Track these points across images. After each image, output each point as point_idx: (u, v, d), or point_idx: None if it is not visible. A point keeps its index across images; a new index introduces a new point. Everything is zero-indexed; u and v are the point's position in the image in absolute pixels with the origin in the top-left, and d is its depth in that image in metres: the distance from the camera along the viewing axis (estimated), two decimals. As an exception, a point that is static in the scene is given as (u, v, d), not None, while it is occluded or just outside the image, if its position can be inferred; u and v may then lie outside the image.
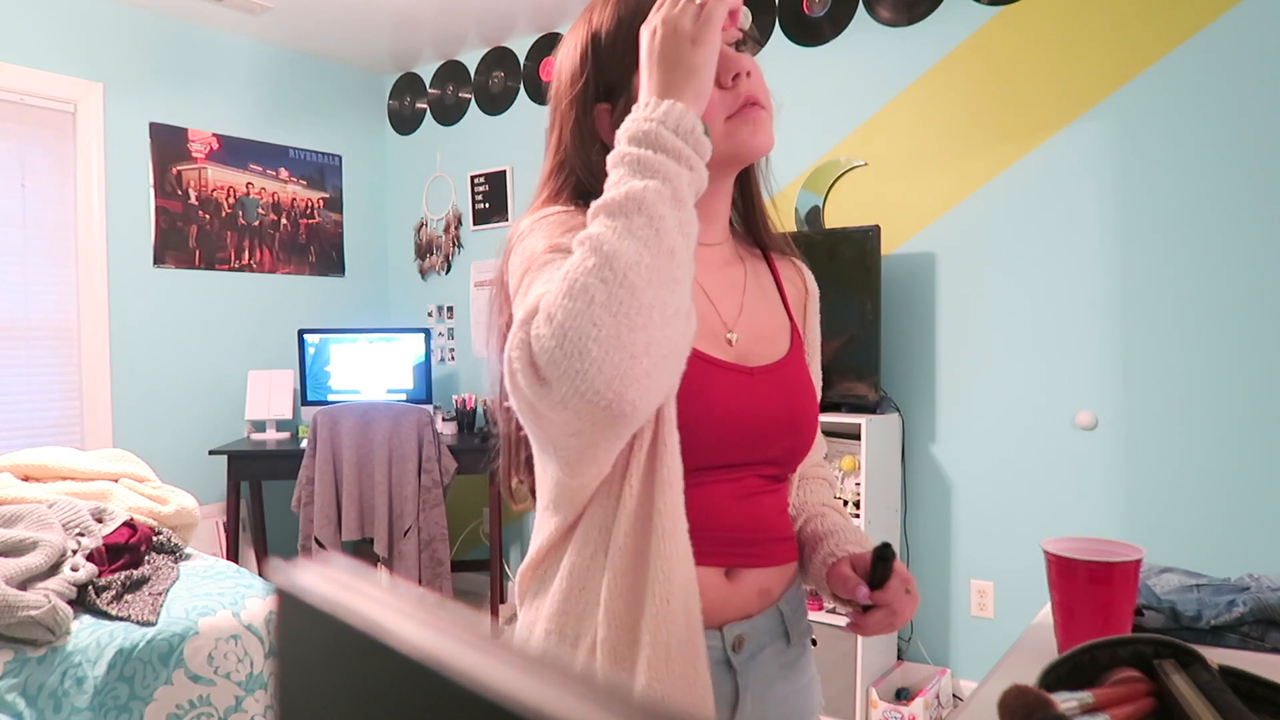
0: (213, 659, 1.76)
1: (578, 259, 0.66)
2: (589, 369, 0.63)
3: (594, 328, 0.63)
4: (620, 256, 0.65)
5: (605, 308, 0.64)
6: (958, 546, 2.90)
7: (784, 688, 0.90)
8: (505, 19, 3.73)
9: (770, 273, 0.98)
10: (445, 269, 4.23)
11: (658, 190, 0.68)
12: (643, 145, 0.70)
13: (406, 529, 3.30)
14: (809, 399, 0.93)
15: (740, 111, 0.83)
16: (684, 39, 0.73)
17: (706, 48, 0.73)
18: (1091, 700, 0.73)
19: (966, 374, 2.87)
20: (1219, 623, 0.99)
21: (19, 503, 1.96)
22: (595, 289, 0.64)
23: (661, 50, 0.74)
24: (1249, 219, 2.41)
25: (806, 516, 0.99)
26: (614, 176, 0.71)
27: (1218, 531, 2.46)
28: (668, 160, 0.69)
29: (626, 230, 0.66)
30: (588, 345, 0.63)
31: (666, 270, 0.67)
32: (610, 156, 0.72)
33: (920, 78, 2.92)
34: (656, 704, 0.20)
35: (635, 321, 0.64)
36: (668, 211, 0.68)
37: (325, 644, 0.28)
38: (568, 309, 0.64)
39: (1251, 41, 2.39)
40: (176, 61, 3.62)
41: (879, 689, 2.65)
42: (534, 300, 0.68)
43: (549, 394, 0.65)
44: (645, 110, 0.72)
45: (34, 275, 3.25)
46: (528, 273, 0.76)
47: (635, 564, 0.77)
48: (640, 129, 0.71)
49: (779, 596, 0.90)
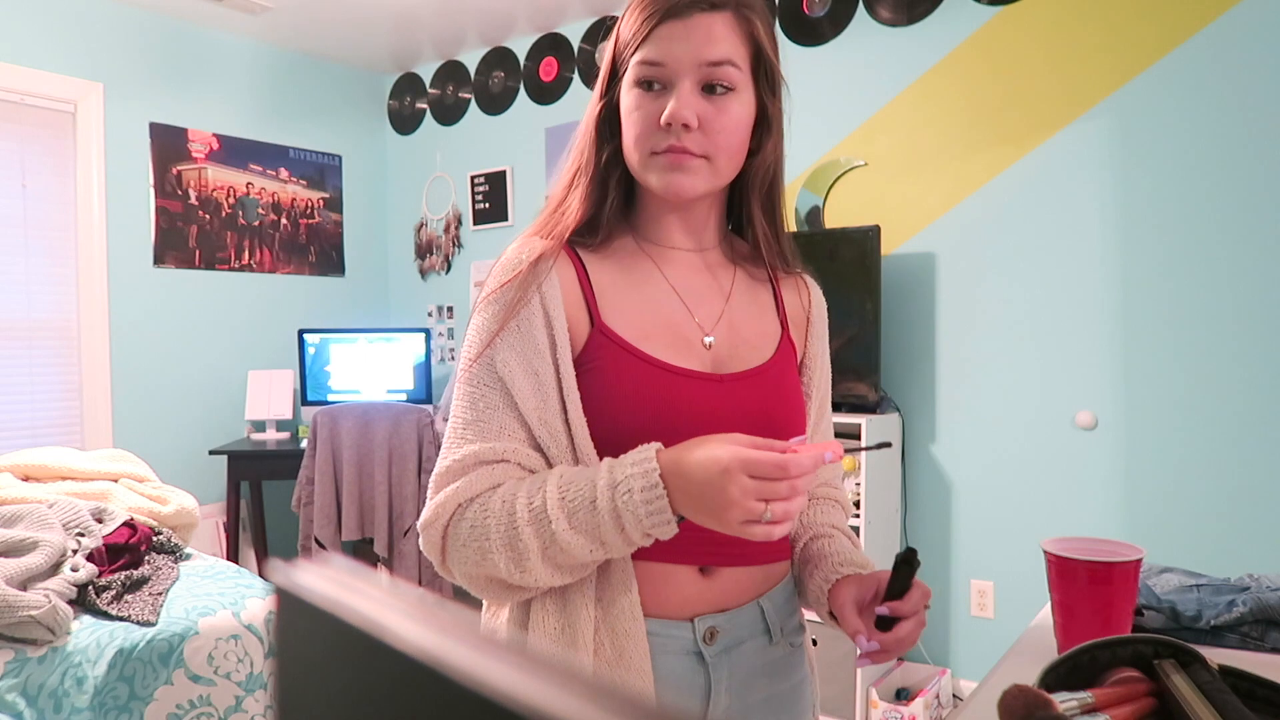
0: (213, 659, 1.76)
1: (501, 532, 0.77)
2: (473, 585, 0.83)
3: (481, 578, 0.82)
4: (530, 572, 0.78)
5: (493, 580, 0.81)
6: (958, 546, 2.90)
7: (768, 686, 0.90)
8: (505, 19, 3.73)
9: (770, 284, 0.98)
10: (445, 269, 4.23)
11: (597, 558, 0.78)
12: (615, 521, 0.74)
13: (406, 529, 3.30)
14: (791, 405, 0.92)
15: (665, 154, 0.84)
16: (718, 522, 0.71)
17: (727, 529, 0.71)
18: (1091, 700, 0.73)
19: (966, 374, 2.87)
20: (1219, 623, 0.99)
21: (19, 503, 1.96)
22: (500, 567, 0.78)
23: (702, 503, 0.71)
24: (1249, 219, 2.41)
25: (812, 535, 0.97)
26: (581, 503, 0.75)
27: (1218, 531, 2.45)
28: (622, 544, 0.76)
29: (550, 562, 0.77)
30: (474, 576, 0.82)
31: (565, 581, 0.81)
32: (594, 485, 0.75)
33: (920, 78, 2.92)
34: (656, 704, 0.20)
35: (516, 590, 0.82)
36: (592, 565, 0.80)
37: (325, 644, 0.28)
38: (474, 553, 0.79)
39: (1251, 41, 2.39)
40: (176, 61, 3.62)
41: (879, 689, 2.65)
42: (459, 492, 0.80)
43: (443, 570, 0.84)
44: (645, 500, 0.73)
45: (34, 275, 3.25)
46: (459, 374, 0.86)
47: (569, 603, 0.83)
48: (624, 513, 0.73)
49: (760, 593, 0.90)
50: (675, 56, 0.83)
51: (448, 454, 0.83)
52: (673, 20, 0.82)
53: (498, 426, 0.82)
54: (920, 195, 2.93)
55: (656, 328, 0.87)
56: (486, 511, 0.78)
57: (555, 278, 0.85)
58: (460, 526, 0.79)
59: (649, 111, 0.84)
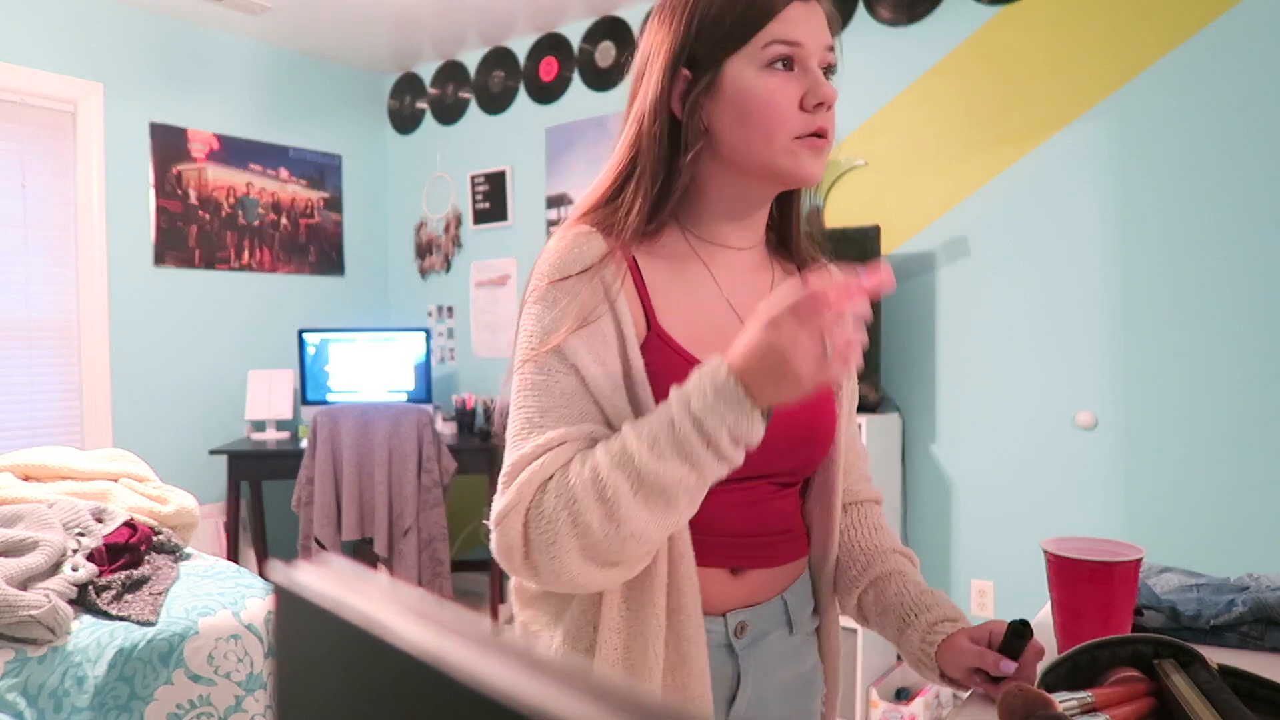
0: (213, 659, 1.76)
1: (589, 490, 0.72)
2: (562, 575, 0.75)
3: (576, 556, 0.73)
4: (629, 521, 0.72)
5: (593, 550, 0.73)
6: (958, 546, 2.90)
7: (785, 673, 0.92)
8: (505, 19, 3.73)
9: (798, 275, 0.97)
10: (445, 269, 4.23)
11: (689, 483, 0.72)
12: (699, 432, 0.70)
13: (406, 529, 3.30)
14: (826, 412, 0.92)
15: (809, 138, 0.82)
16: (795, 380, 0.68)
17: (807, 392, 0.69)
18: (1091, 700, 0.73)
19: (966, 374, 2.87)
20: (1219, 622, 0.99)
21: (19, 502, 1.96)
22: (594, 533, 0.72)
23: (772, 370, 0.68)
24: (1249, 219, 2.41)
25: (879, 572, 0.96)
26: (662, 430, 0.71)
27: (1218, 531, 2.45)
28: (711, 459, 0.71)
29: (644, 500, 0.72)
30: (566, 562, 0.74)
31: (669, 526, 0.75)
32: (669, 407, 0.72)
33: (920, 78, 2.92)
34: (656, 703, 0.20)
35: (611, 563, 0.74)
36: (688, 499, 0.73)
37: (325, 643, 0.28)
38: (566, 528, 0.73)
39: (1251, 41, 2.39)
40: (176, 61, 3.62)
41: (879, 689, 2.65)
42: (535, 474, 0.75)
43: (525, 567, 0.76)
44: (725, 397, 0.69)
45: (34, 275, 3.25)
46: (518, 370, 0.81)
47: (639, 618, 0.81)
48: (707, 419, 0.69)
49: (784, 588, 0.92)
50: (811, 37, 0.82)
51: (521, 443, 0.77)
52: (799, 2, 0.82)
53: (577, 411, 0.78)
54: (920, 195, 2.93)
55: (709, 333, 0.86)
56: (568, 476, 0.74)
57: (619, 279, 0.82)
58: (544, 502, 0.74)
59: (791, 94, 0.81)
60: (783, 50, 0.81)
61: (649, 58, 0.86)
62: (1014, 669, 0.80)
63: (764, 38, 0.80)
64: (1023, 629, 0.80)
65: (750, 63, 0.81)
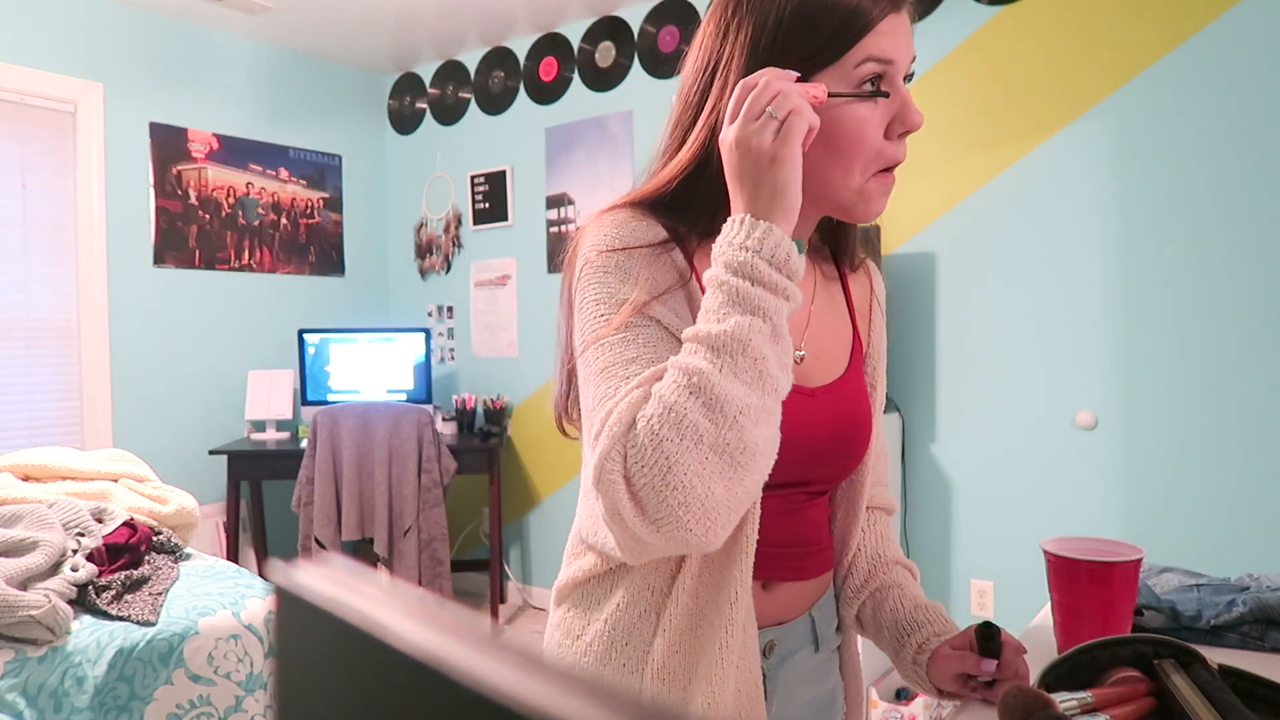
0: (213, 659, 1.76)
1: (679, 391, 0.65)
2: (691, 504, 0.65)
3: (701, 465, 0.64)
4: (731, 400, 0.65)
5: (714, 448, 0.65)
6: (958, 546, 2.90)
7: (808, 692, 0.91)
8: (505, 19, 3.73)
9: (838, 277, 0.95)
10: (445, 269, 4.23)
11: (760, 329, 0.67)
12: (740, 276, 0.68)
13: (406, 529, 3.30)
14: (864, 418, 0.89)
15: (883, 174, 0.78)
16: (764, 159, 0.68)
17: (788, 166, 0.68)
18: (1091, 700, 0.73)
19: (966, 374, 2.87)
20: (1219, 622, 0.99)
21: (19, 503, 1.96)
22: (704, 428, 0.64)
23: (741, 170, 0.69)
24: (1249, 219, 2.41)
25: (878, 585, 0.95)
26: (713, 303, 0.69)
27: (1218, 531, 2.45)
28: (765, 294, 0.68)
29: (732, 371, 0.66)
30: (691, 482, 0.64)
31: (771, 409, 0.68)
32: (707, 278, 0.70)
33: (920, 78, 2.92)
34: (656, 704, 0.20)
35: (741, 460, 0.66)
36: (769, 350, 0.68)
37: (325, 644, 0.28)
38: (674, 443, 0.64)
39: (1251, 41, 2.39)
40: (176, 61, 3.62)
41: (879, 689, 2.65)
42: (625, 411, 0.67)
43: (641, 521, 0.66)
44: (739, 234, 0.69)
45: (34, 275, 3.25)
46: (593, 345, 0.75)
47: (693, 626, 0.79)
48: (736, 258, 0.68)
49: (811, 604, 0.90)
50: (902, 52, 0.75)
51: (609, 395, 0.70)
52: (894, 14, 0.74)
53: (665, 353, 0.72)
54: (920, 195, 2.93)
55: None
56: (653, 398, 0.67)
57: (690, 270, 0.80)
58: (638, 435, 0.66)
59: (878, 122, 0.75)
60: (876, 69, 0.74)
61: (723, 61, 0.77)
62: (995, 667, 0.81)
63: (858, 55, 0.73)
64: (988, 630, 0.82)
65: (840, 83, 0.74)
